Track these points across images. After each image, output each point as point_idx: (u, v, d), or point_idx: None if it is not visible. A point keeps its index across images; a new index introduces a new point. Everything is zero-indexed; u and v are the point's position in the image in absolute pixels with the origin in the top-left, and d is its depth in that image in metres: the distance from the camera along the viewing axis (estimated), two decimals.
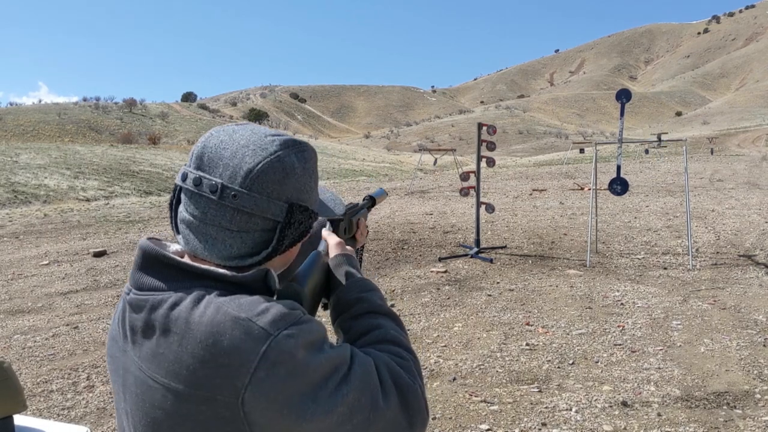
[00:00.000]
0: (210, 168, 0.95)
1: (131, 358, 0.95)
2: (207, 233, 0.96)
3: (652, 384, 4.31)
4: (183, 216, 0.99)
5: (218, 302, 0.90)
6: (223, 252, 0.96)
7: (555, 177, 26.99)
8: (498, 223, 12.42)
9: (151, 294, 0.94)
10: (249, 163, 0.94)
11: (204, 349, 0.87)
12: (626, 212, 13.43)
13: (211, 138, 0.98)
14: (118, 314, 1.01)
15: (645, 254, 8.81)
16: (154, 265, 0.96)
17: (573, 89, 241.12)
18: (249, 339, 0.86)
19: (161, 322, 0.91)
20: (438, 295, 6.93)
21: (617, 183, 8.32)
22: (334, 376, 0.91)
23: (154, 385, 0.90)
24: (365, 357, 0.97)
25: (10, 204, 21.22)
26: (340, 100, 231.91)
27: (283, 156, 0.97)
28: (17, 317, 6.58)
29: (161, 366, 0.90)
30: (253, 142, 0.96)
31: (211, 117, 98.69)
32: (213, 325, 0.87)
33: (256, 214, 0.95)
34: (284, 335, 0.87)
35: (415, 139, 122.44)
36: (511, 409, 3.99)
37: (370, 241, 10.65)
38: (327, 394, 0.89)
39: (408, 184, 25.40)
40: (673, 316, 5.85)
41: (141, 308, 0.94)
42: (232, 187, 0.93)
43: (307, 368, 0.88)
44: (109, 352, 1.04)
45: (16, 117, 71.43)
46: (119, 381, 0.99)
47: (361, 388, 0.92)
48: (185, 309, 0.90)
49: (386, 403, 0.94)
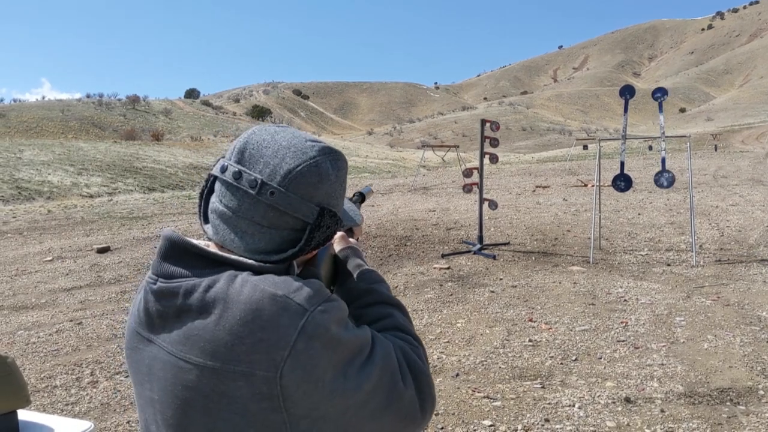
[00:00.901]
0: (250, 164, 0.99)
1: (159, 345, 0.98)
2: (238, 226, 1.00)
3: (655, 380, 4.30)
4: (215, 206, 1.02)
5: (253, 281, 0.94)
6: (251, 245, 1.00)
7: (558, 174, 26.97)
8: (501, 219, 12.41)
9: (182, 281, 0.97)
10: (289, 164, 0.98)
11: (243, 325, 0.90)
12: (630, 209, 13.41)
13: (254, 135, 1.02)
14: (139, 306, 1.03)
15: (648, 251, 8.79)
16: (181, 255, 0.99)
17: (576, 86, 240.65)
18: (287, 314, 0.91)
19: (197, 304, 0.94)
20: (441, 292, 6.93)
21: (621, 179, 8.31)
22: (360, 354, 0.95)
23: (187, 367, 0.93)
24: (384, 339, 1.02)
25: (14, 200, 21.26)
26: (343, 97, 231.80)
27: (321, 162, 1.01)
28: (21, 313, 6.60)
29: (196, 346, 0.92)
30: (294, 145, 1.01)
31: (215, 114, 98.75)
32: (251, 302, 0.91)
33: (288, 213, 0.99)
34: (319, 311, 0.92)
35: (418, 136, 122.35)
36: (514, 405, 3.99)
37: (373, 237, 10.65)
38: (355, 371, 0.93)
39: (411, 180, 25.39)
40: (676, 313, 5.84)
41: (173, 295, 0.97)
42: (271, 185, 0.97)
43: (339, 343, 0.93)
44: (128, 345, 1.06)
45: (19, 113, 71.55)
46: (144, 370, 1.01)
47: (384, 367, 0.96)
48: (221, 289, 0.93)
49: (404, 385, 0.99)
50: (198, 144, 48.88)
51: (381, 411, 0.96)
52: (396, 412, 0.98)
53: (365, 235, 10.87)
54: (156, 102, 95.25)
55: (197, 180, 30.61)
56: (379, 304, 1.15)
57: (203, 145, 47.45)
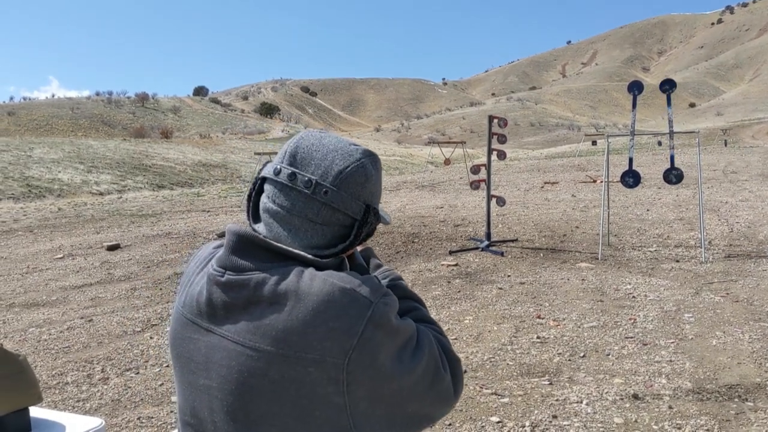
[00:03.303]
0: (302, 166, 1.08)
1: (220, 334, 1.05)
2: (292, 223, 1.08)
3: (663, 377, 4.30)
4: (268, 206, 1.10)
5: (322, 275, 1.02)
6: (304, 241, 1.08)
7: (567, 170, 26.88)
8: (509, 216, 12.40)
9: (252, 274, 1.03)
10: (339, 165, 1.08)
11: (316, 315, 0.98)
12: (639, 205, 13.37)
13: (303, 140, 1.11)
14: (197, 297, 1.09)
15: (657, 247, 8.77)
16: (250, 248, 1.06)
17: (585, 81, 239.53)
18: (356, 305, 1.00)
19: (269, 296, 1.01)
20: (448, 289, 6.94)
21: (629, 175, 8.29)
22: (411, 341, 1.06)
23: (256, 355, 1.00)
24: (424, 328, 1.12)
25: (24, 198, 21.40)
26: (351, 94, 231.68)
27: (366, 163, 1.11)
28: (32, 310, 6.66)
29: (268, 335, 0.99)
30: (341, 148, 1.10)
31: (223, 111, 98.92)
32: (323, 294, 0.99)
33: (340, 210, 1.08)
34: (382, 302, 1.02)
35: (426, 132, 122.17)
36: (522, 402, 4.00)
37: (381, 234, 10.67)
38: (408, 356, 1.03)
39: (419, 177, 25.38)
40: (685, 309, 5.83)
41: (243, 287, 1.03)
42: (324, 185, 1.06)
43: (398, 331, 1.03)
44: (179, 335, 1.12)
45: (29, 111, 71.93)
46: (199, 359, 1.08)
47: (429, 353, 1.07)
48: (292, 282, 1.01)
49: (445, 370, 1.09)
50: (207, 141, 49.04)
51: (425, 392, 1.06)
52: (437, 393, 1.08)
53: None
54: (165, 100, 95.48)
55: (206, 177, 30.73)
56: (404, 299, 1.24)
57: (212, 142, 47.60)
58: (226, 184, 29.01)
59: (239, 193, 22.05)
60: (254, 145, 45.74)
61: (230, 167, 34.57)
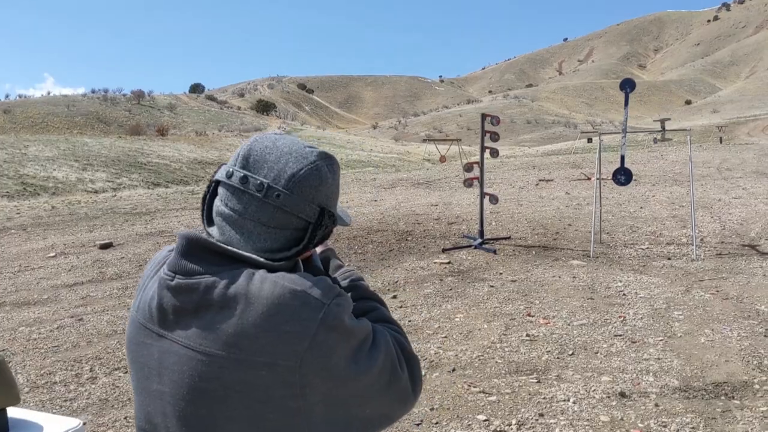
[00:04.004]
0: (255, 169, 1.06)
1: (172, 339, 1.03)
2: (244, 227, 1.06)
3: (651, 374, 4.31)
4: (220, 209, 1.09)
5: (272, 278, 1.01)
6: (257, 244, 1.06)
7: (562, 167, 26.90)
8: (503, 213, 12.41)
9: (202, 277, 1.02)
10: (293, 168, 1.06)
11: (266, 319, 0.97)
12: (632, 202, 13.39)
13: (256, 143, 1.10)
14: (149, 302, 1.08)
15: (649, 244, 8.79)
16: (199, 252, 1.05)
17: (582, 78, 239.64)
18: (307, 308, 0.98)
19: (219, 300, 1.00)
20: (440, 286, 6.94)
21: (621, 173, 8.30)
22: (366, 342, 1.05)
23: (206, 359, 0.99)
24: (381, 328, 1.11)
25: (19, 196, 21.34)
26: (348, 91, 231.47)
27: (320, 166, 1.10)
28: (23, 309, 6.64)
29: (218, 339, 0.98)
30: (295, 150, 1.09)
31: (219, 108, 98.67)
32: (273, 297, 0.98)
33: (293, 214, 1.06)
34: (334, 304, 1.01)
35: (423, 130, 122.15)
36: (509, 400, 4.01)
37: (375, 232, 10.67)
38: (364, 357, 1.03)
39: (414, 174, 25.38)
40: (674, 307, 5.84)
41: (192, 291, 1.02)
42: (277, 188, 1.04)
43: (352, 333, 1.02)
44: (134, 340, 1.11)
45: (25, 109, 71.65)
46: (152, 365, 1.06)
47: (385, 353, 1.06)
48: (242, 285, 1.00)
49: (401, 369, 1.09)
50: (203, 139, 48.93)
51: (383, 393, 1.06)
52: (394, 393, 1.08)
53: (366, 230, 10.89)
54: (161, 97, 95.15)
55: (201, 175, 30.68)
56: (363, 299, 1.25)
57: (208, 139, 47.50)
58: None
59: None
60: None
61: None
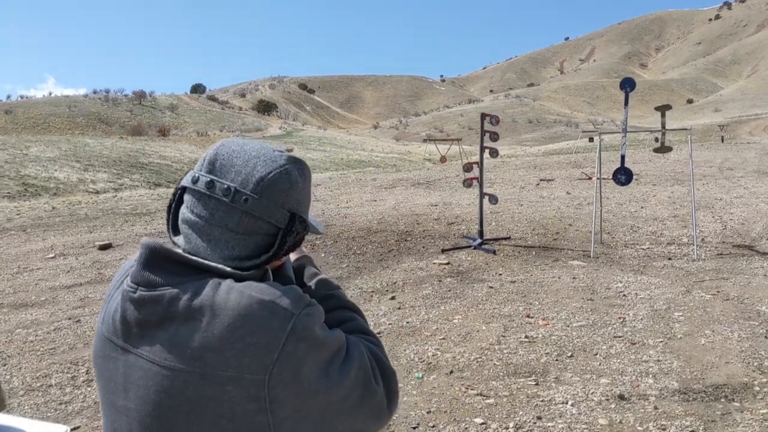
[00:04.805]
0: (222, 173, 1.02)
1: (137, 354, 0.99)
2: (211, 234, 1.02)
3: (650, 377, 4.28)
4: (186, 217, 1.04)
5: (239, 287, 0.97)
6: (225, 252, 1.03)
7: (563, 166, 26.83)
8: (503, 213, 12.37)
9: (165, 289, 0.98)
10: (261, 171, 1.02)
11: (232, 331, 0.93)
12: (633, 202, 13.35)
13: (223, 147, 1.06)
14: (113, 315, 1.04)
15: (650, 244, 8.75)
16: (162, 262, 1.00)
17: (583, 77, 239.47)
18: (275, 318, 0.94)
19: (183, 312, 0.95)
20: (439, 288, 6.91)
21: (621, 173, 8.26)
22: (338, 353, 1.00)
23: (171, 374, 0.95)
24: (355, 340, 1.07)
25: (20, 197, 21.34)
26: (349, 91, 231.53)
27: (290, 170, 1.06)
28: (20, 311, 6.62)
29: (183, 353, 0.94)
30: (264, 154, 1.05)
31: (221, 108, 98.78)
32: (240, 308, 0.94)
33: (262, 219, 1.02)
34: (304, 314, 0.97)
35: (424, 129, 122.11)
36: (507, 403, 3.97)
37: (374, 233, 10.63)
38: (336, 370, 0.98)
39: (415, 174, 25.35)
40: (675, 308, 5.80)
41: (156, 303, 0.98)
42: (244, 192, 1.01)
43: (323, 344, 0.98)
44: (99, 354, 1.07)
45: (26, 110, 71.78)
46: (118, 380, 1.02)
47: (359, 366, 1.02)
48: (207, 296, 0.96)
49: (377, 383, 1.05)
50: (204, 139, 49.00)
51: (356, 407, 1.01)
52: (368, 408, 1.03)
53: (366, 231, 10.86)
54: (162, 97, 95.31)
55: None
56: (340, 308, 1.20)
57: (209, 140, 47.56)
58: None
59: None
60: None
61: None
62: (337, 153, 47.60)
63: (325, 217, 12.95)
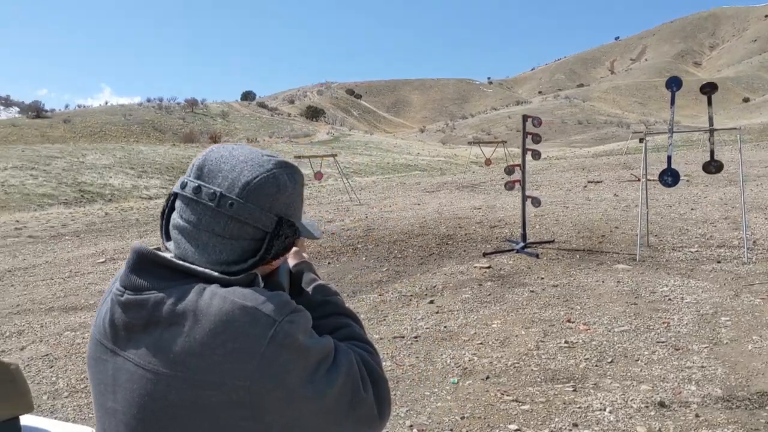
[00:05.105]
0: (209, 178, 1.03)
1: (124, 357, 1.00)
2: (199, 239, 1.03)
3: (693, 383, 4.15)
4: (176, 222, 1.06)
5: (222, 293, 0.97)
6: (212, 257, 1.03)
7: (613, 168, 26.29)
8: (547, 216, 12.19)
9: (150, 293, 0.99)
10: (247, 176, 1.03)
11: (214, 336, 0.93)
12: (683, 203, 12.99)
13: (212, 153, 1.07)
14: (104, 318, 1.05)
15: (699, 247, 8.50)
16: (149, 267, 1.02)
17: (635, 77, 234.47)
18: (258, 325, 0.94)
19: (167, 316, 0.96)
20: (479, 292, 6.85)
21: (668, 174, 8.05)
22: (325, 361, 1.00)
23: (155, 378, 0.96)
24: (345, 347, 1.07)
25: (76, 203, 22.04)
26: (395, 95, 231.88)
27: (278, 174, 1.06)
28: (69, 314, 6.82)
29: (166, 357, 0.95)
30: (252, 159, 1.06)
31: (270, 115, 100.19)
32: (222, 313, 0.94)
33: (248, 223, 1.03)
34: (287, 321, 0.96)
35: (471, 132, 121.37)
36: (543, 409, 3.91)
37: (415, 236, 10.61)
38: (321, 378, 0.98)
39: (459, 178, 25.22)
40: (722, 312, 5.62)
41: (141, 307, 0.99)
42: (230, 196, 1.01)
43: (307, 351, 0.97)
44: (92, 355, 1.09)
45: (84, 119, 74.05)
46: (107, 381, 1.04)
47: (347, 373, 1.01)
48: (191, 301, 0.96)
49: (366, 391, 1.03)
50: (253, 145, 49.64)
51: (344, 415, 1.00)
52: (358, 417, 1.02)
53: (407, 234, 10.85)
54: (214, 105, 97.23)
55: None
56: (335, 315, 1.20)
57: (258, 146, 47.98)
58: None
59: None
60: (299, 148, 46.16)
61: None
62: (383, 157, 47.71)
63: (367, 221, 12.99)
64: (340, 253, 9.52)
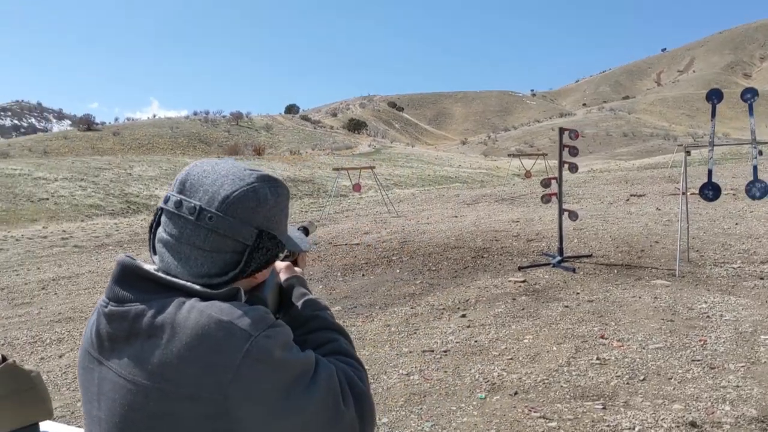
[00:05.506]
0: (191, 192, 1.06)
1: (108, 366, 1.03)
2: (181, 252, 1.05)
3: (727, 403, 4.04)
4: (161, 236, 1.09)
5: (200, 307, 0.99)
6: (194, 269, 1.05)
7: (657, 181, 25.78)
8: (586, 230, 12.01)
9: (132, 305, 1.02)
10: (227, 190, 1.05)
11: (190, 350, 0.95)
12: (727, 218, 12.65)
13: (195, 167, 1.10)
14: (92, 328, 1.08)
15: (741, 263, 8.27)
16: (132, 279, 1.04)
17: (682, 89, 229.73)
18: (233, 339, 0.95)
19: (146, 328, 0.99)
20: (512, 306, 6.79)
21: (708, 188, 7.88)
22: (304, 376, 1.00)
23: (134, 389, 0.98)
24: (327, 362, 1.07)
25: (122, 214, 22.59)
26: (437, 107, 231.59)
27: (258, 188, 1.08)
28: None
29: (145, 369, 0.97)
30: (233, 173, 1.08)
31: (313, 128, 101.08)
32: (198, 327, 0.96)
33: (228, 236, 1.04)
34: (263, 336, 0.97)
35: (514, 144, 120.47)
36: (570, 427, 3.85)
37: (451, 249, 10.57)
38: (299, 393, 0.98)
39: (499, 190, 25.04)
40: (761, 330, 5.46)
41: (123, 319, 1.02)
42: (209, 210, 1.03)
43: (284, 366, 0.98)
44: (81, 364, 1.12)
45: (132, 132, 75.79)
46: (93, 390, 1.06)
47: (327, 389, 1.01)
48: (169, 314, 0.98)
49: (346, 407, 1.03)
50: (296, 157, 50.26)
51: (325, 430, 1.00)
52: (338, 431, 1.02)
53: (443, 247, 10.82)
54: (258, 118, 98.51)
55: (294, 192, 31.43)
56: (323, 329, 1.20)
57: (301, 158, 48.71)
58: (312, 199, 29.61)
59: (321, 208, 22.43)
60: (341, 160, 46.48)
61: (317, 182, 35.23)
62: (423, 169, 47.67)
63: (403, 233, 13.00)
64: (375, 265, 9.55)
